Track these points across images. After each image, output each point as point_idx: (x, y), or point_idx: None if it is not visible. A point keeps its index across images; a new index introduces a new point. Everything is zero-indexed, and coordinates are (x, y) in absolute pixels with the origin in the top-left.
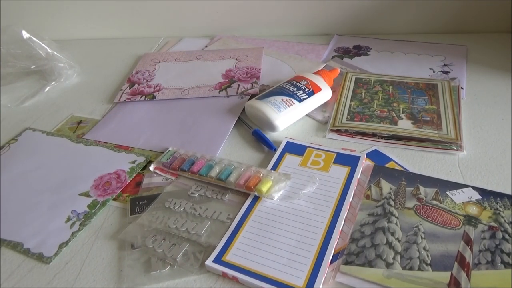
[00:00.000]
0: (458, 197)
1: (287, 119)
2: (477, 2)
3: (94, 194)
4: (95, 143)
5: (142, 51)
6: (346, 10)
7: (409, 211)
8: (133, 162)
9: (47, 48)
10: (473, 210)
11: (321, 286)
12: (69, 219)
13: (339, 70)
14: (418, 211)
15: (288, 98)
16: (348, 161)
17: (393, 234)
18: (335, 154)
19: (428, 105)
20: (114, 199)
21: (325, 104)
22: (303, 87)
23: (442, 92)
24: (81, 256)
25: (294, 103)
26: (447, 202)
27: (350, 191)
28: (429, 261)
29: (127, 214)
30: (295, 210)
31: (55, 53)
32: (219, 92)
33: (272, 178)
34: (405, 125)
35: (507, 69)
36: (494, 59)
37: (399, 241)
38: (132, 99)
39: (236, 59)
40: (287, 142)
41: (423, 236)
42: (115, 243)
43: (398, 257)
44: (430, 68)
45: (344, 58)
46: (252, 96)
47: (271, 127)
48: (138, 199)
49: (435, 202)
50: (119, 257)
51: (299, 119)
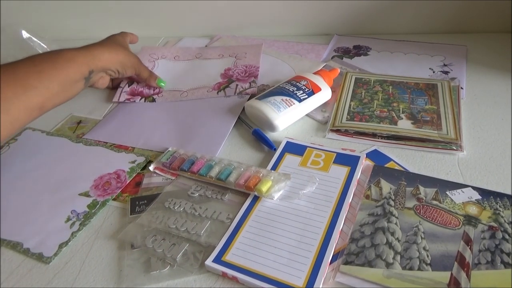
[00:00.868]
0: (458, 197)
1: (287, 119)
2: (477, 2)
3: (94, 194)
4: (95, 143)
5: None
6: (346, 10)
7: (409, 211)
8: (133, 162)
9: (47, 48)
10: (473, 210)
11: (321, 286)
12: (69, 219)
13: (339, 70)
14: (418, 211)
15: (288, 98)
16: (348, 161)
17: (393, 234)
18: (335, 154)
19: (428, 105)
20: (114, 199)
21: (325, 104)
22: (303, 87)
23: (442, 92)
24: (81, 256)
25: (294, 103)
26: (447, 202)
27: (350, 191)
28: (429, 261)
29: (127, 214)
30: (295, 210)
31: None
32: (217, 92)
33: (272, 178)
34: (405, 125)
35: (507, 69)
36: (494, 59)
37: (399, 241)
38: (131, 99)
39: (235, 57)
40: (287, 142)
41: (423, 236)
42: (115, 243)
43: (398, 257)
44: (430, 68)
45: (344, 58)
46: (252, 96)
47: (271, 127)
48: (138, 199)
49: (435, 202)
50: (119, 257)
51: (299, 119)
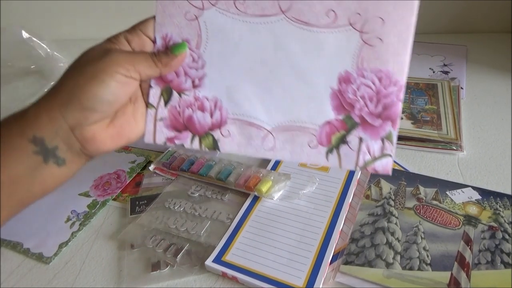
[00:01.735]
0: (458, 197)
1: None
2: (477, 2)
3: (94, 194)
4: None
5: None
6: None
7: (409, 211)
8: (133, 162)
9: (47, 48)
10: (473, 210)
11: (321, 286)
12: (68, 219)
13: None
14: (418, 211)
15: None
16: None
17: (393, 234)
18: None
19: (428, 105)
20: (114, 199)
21: None
22: None
23: (442, 92)
24: (81, 256)
25: None
26: (447, 202)
27: (350, 191)
28: (429, 261)
29: (127, 214)
30: (295, 210)
31: (55, 53)
32: (325, 156)
33: (272, 178)
34: (405, 125)
35: (507, 69)
36: (494, 59)
37: (399, 241)
38: (176, 141)
39: (361, 30)
40: None
41: (423, 236)
42: (115, 243)
43: (398, 257)
44: (430, 68)
45: None
46: None
47: None
48: (138, 199)
49: (435, 202)
50: (119, 257)
51: None
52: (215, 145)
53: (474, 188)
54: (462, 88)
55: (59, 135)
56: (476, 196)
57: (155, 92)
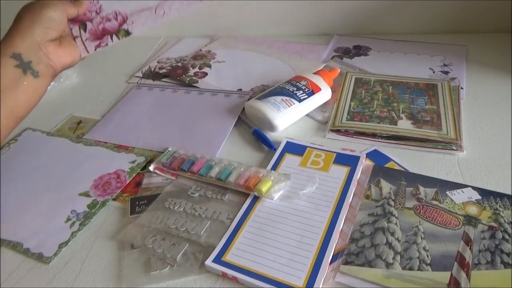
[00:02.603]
0: (458, 197)
1: (287, 119)
2: (477, 2)
3: (94, 194)
4: (95, 143)
5: (142, 51)
6: (346, 10)
7: (409, 211)
8: (133, 162)
9: None
10: (473, 210)
11: (321, 286)
12: (68, 219)
13: (339, 70)
14: (418, 211)
15: (288, 98)
16: (348, 161)
17: (393, 234)
18: (335, 154)
19: (428, 105)
20: (114, 199)
21: (325, 104)
22: (303, 87)
23: (442, 92)
24: (81, 256)
25: (294, 103)
26: (446, 202)
27: (350, 191)
28: (429, 261)
29: (127, 214)
30: (295, 210)
31: None
32: None
33: (272, 178)
34: (405, 125)
35: (507, 69)
36: (494, 59)
37: (399, 241)
38: (102, 44)
39: None
40: (287, 142)
41: (422, 236)
42: (115, 243)
43: (398, 257)
44: (430, 68)
45: (344, 58)
46: (252, 96)
47: (271, 127)
48: (137, 199)
49: (435, 202)
50: (119, 257)
51: (299, 119)
52: (127, 32)
53: (474, 188)
54: (462, 88)
55: (31, 50)
56: (476, 196)
57: (75, 29)
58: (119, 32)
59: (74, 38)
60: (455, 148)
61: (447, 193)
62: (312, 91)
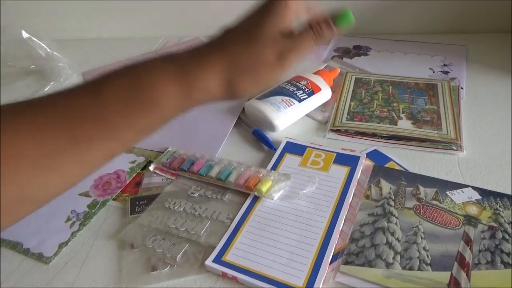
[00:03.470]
0: (458, 197)
1: (287, 119)
2: (477, 2)
3: (94, 194)
4: None
5: (142, 51)
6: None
7: (409, 211)
8: (133, 162)
9: (47, 48)
10: (473, 210)
11: (321, 286)
12: (68, 219)
13: (339, 70)
14: (418, 211)
15: (288, 98)
16: (348, 161)
17: (393, 234)
18: (335, 154)
19: (428, 105)
20: (114, 199)
21: (325, 104)
22: (303, 87)
23: (442, 92)
24: (81, 256)
25: (294, 103)
26: (447, 202)
27: (350, 191)
28: (429, 261)
29: (127, 214)
30: (295, 210)
31: (55, 53)
32: None
33: (272, 178)
34: (405, 125)
35: (507, 69)
36: (494, 59)
37: (399, 241)
38: None
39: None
40: (287, 142)
41: (423, 236)
42: (115, 243)
43: (398, 257)
44: (430, 68)
45: (344, 58)
46: (252, 96)
47: (271, 127)
48: (138, 199)
49: (435, 202)
50: (119, 257)
51: (299, 119)
52: None
53: (474, 188)
54: (462, 88)
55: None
56: (476, 196)
57: None
58: None
59: None
60: (455, 148)
61: (447, 193)
62: (312, 91)
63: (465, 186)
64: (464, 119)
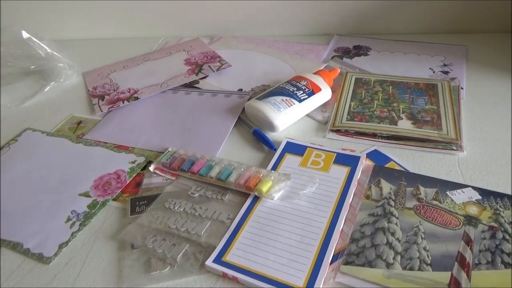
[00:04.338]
0: (458, 197)
1: (287, 119)
2: (477, 2)
3: (94, 194)
4: (95, 143)
5: (142, 51)
6: (346, 10)
7: (409, 211)
8: (133, 162)
9: (47, 48)
10: (473, 210)
11: (321, 286)
12: (69, 219)
13: (339, 70)
14: (418, 211)
15: (288, 98)
16: (348, 161)
17: (393, 234)
18: (335, 154)
19: (428, 105)
20: (114, 199)
21: (325, 104)
22: (303, 87)
23: (442, 92)
24: (81, 256)
25: (294, 103)
26: (447, 202)
27: (350, 191)
28: (429, 261)
29: (127, 214)
30: (295, 210)
31: (55, 53)
32: (196, 74)
33: (272, 178)
34: (405, 125)
35: (507, 69)
36: (494, 59)
37: (399, 241)
38: (115, 106)
39: (183, 50)
40: (287, 142)
41: (423, 236)
42: (115, 243)
43: (398, 257)
44: (430, 68)
45: (344, 58)
46: (252, 96)
47: (271, 127)
48: (138, 199)
49: (435, 202)
50: (119, 257)
51: (299, 119)
52: (136, 98)
53: (474, 188)
54: (462, 88)
55: None
56: (476, 196)
57: (94, 99)
58: (130, 99)
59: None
60: (455, 148)
61: (448, 193)
62: (312, 91)
63: (465, 186)
64: (464, 119)
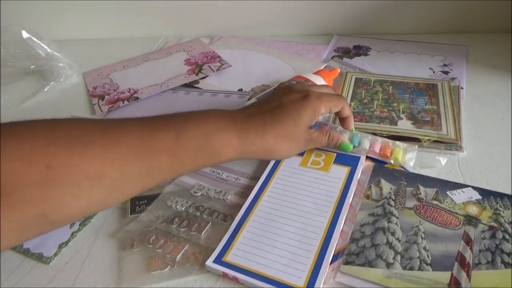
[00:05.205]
0: (458, 197)
1: None
2: (477, 2)
3: None
4: None
5: (142, 51)
6: (346, 10)
7: (409, 211)
8: None
9: (47, 48)
10: (473, 210)
11: (321, 286)
12: None
13: (339, 70)
14: (418, 211)
15: None
16: (348, 161)
17: (393, 234)
18: (335, 154)
19: (428, 105)
20: None
21: None
22: None
23: (442, 92)
24: (81, 256)
25: None
26: (447, 202)
27: (350, 191)
28: (429, 261)
29: (127, 214)
30: (295, 210)
31: (55, 53)
32: (196, 74)
33: (402, 147)
34: (405, 126)
35: (507, 69)
36: (494, 59)
37: (399, 241)
38: (115, 106)
39: (183, 50)
40: None
41: (423, 236)
42: (115, 243)
43: (398, 257)
44: (430, 68)
45: (344, 58)
46: (252, 97)
47: None
48: (138, 198)
49: (435, 202)
50: (119, 257)
51: None
52: (136, 98)
53: (474, 188)
54: (462, 88)
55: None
56: (476, 196)
57: (94, 99)
58: (130, 99)
59: None
60: (455, 148)
61: (448, 193)
62: None
63: (465, 186)
64: (464, 119)
